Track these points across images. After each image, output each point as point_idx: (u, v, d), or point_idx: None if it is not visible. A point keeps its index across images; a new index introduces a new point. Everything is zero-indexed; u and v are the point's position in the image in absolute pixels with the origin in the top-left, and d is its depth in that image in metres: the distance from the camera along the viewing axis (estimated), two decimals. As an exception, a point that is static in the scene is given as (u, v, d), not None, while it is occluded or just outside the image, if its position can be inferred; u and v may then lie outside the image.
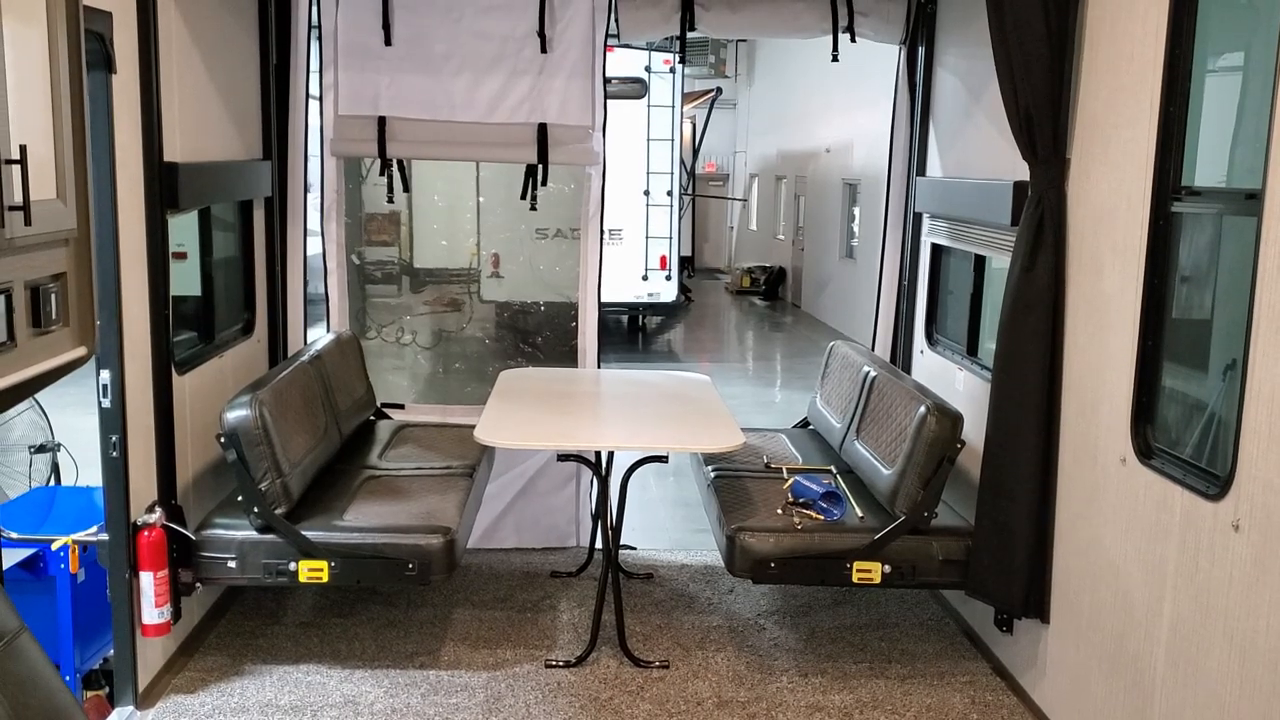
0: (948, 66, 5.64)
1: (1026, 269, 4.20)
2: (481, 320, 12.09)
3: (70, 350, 3.04)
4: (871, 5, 5.83)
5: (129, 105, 4.06)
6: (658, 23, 5.85)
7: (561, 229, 12.16)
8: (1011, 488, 4.28)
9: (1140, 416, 3.65)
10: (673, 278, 15.11)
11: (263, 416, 4.39)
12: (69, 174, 2.98)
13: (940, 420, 4.49)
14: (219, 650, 4.77)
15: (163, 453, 4.42)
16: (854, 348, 5.95)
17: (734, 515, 4.68)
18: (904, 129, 6.04)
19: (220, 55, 4.94)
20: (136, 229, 4.14)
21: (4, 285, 2.68)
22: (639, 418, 5.09)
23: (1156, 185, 3.56)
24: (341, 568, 4.41)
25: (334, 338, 5.72)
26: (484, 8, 5.76)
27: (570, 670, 4.67)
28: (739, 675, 4.67)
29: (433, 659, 4.75)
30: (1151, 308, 3.61)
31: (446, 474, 5.15)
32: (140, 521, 4.21)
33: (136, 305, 4.16)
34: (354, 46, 5.75)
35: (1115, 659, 3.74)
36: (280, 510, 4.43)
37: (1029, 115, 4.11)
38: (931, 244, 5.82)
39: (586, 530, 6.17)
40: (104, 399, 4.07)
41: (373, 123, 5.80)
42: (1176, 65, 3.48)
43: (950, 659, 4.89)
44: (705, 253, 27.79)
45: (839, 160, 18.26)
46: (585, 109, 5.88)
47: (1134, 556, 3.63)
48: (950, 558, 4.53)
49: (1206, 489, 3.22)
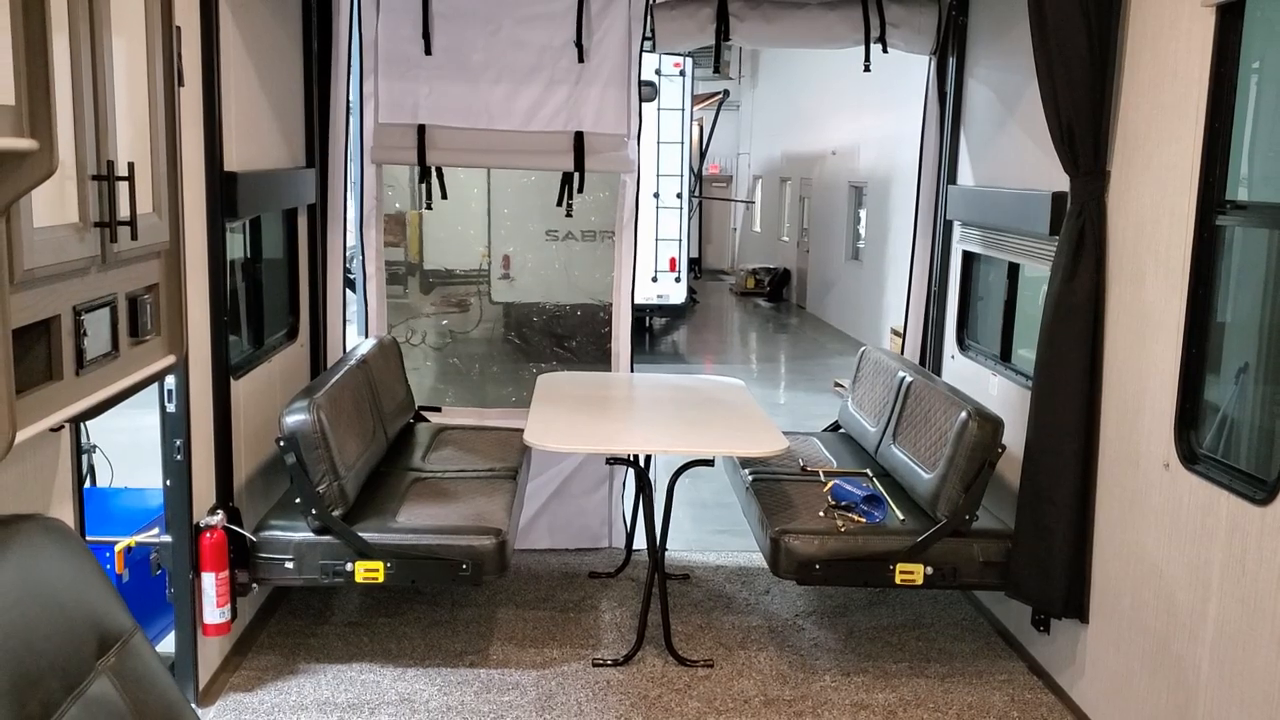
0: (979, 77, 5.75)
1: (1068, 278, 4.31)
2: (493, 321, 12.20)
3: (162, 358, 3.14)
4: (903, 16, 5.94)
5: (193, 117, 4.16)
6: (693, 33, 5.96)
7: (572, 231, 12.29)
8: (1052, 491, 4.39)
9: (1184, 423, 3.76)
10: (682, 279, 15.22)
11: (320, 420, 4.48)
12: (163, 188, 3.08)
13: (982, 425, 4.60)
14: (272, 650, 4.87)
15: (221, 456, 4.51)
16: (886, 353, 6.05)
17: (777, 518, 4.78)
18: (934, 138, 6.15)
19: (269, 66, 5.04)
20: (199, 238, 4.24)
21: (109, 297, 2.77)
22: (681, 421, 5.19)
23: (1201, 199, 3.67)
24: (397, 568, 4.51)
25: (376, 342, 5.82)
26: (522, 18, 5.86)
27: (618, 669, 4.77)
28: (782, 674, 4.78)
29: (482, 658, 4.85)
30: (1196, 317, 3.72)
31: (491, 476, 5.25)
32: (203, 523, 4.31)
33: (199, 312, 4.26)
34: (394, 56, 5.85)
35: (1158, 659, 3.86)
36: (337, 512, 4.52)
37: (1070, 128, 4.22)
38: (963, 251, 5.93)
39: (619, 531, 6.28)
40: (169, 404, 4.16)
41: (412, 131, 5.90)
42: (1222, 82, 3.59)
43: (987, 658, 5.00)
44: (709, 254, 27.91)
45: (845, 163, 18.38)
46: (621, 117, 5.98)
47: (1178, 559, 3.74)
48: (990, 560, 4.65)
49: (1254, 494, 3.33)
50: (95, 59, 2.58)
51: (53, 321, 2.49)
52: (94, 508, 5.28)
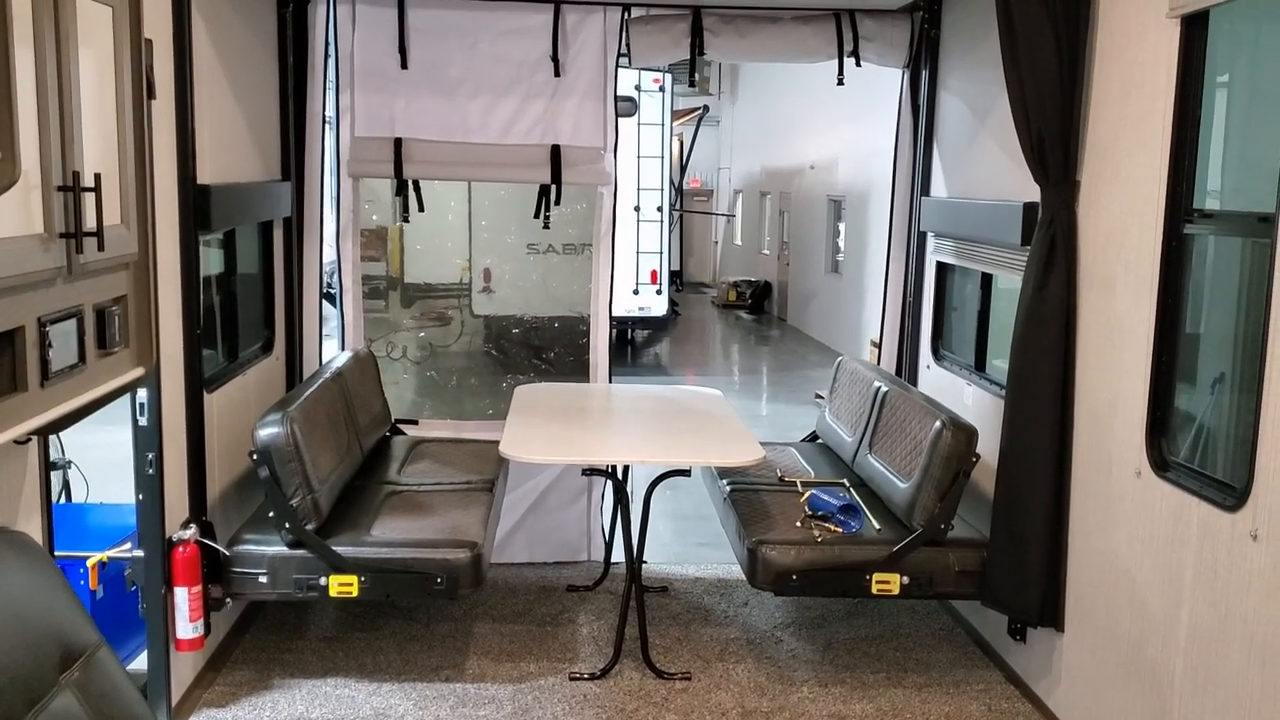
0: (951, 90, 5.79)
1: (1039, 288, 4.34)
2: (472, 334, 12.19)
3: (131, 370, 3.13)
4: (876, 30, 5.98)
5: (166, 129, 4.14)
6: (668, 47, 5.99)
7: (553, 244, 12.31)
8: (1026, 500, 4.41)
9: (1155, 430, 3.79)
10: (663, 292, 15.27)
11: (294, 434, 4.46)
12: (131, 199, 3.06)
13: (956, 434, 4.62)
14: (246, 665, 4.83)
15: (194, 470, 4.49)
16: (862, 363, 6.08)
17: (754, 528, 4.78)
18: (907, 150, 6.19)
19: (244, 78, 5.04)
20: (171, 250, 4.22)
21: (75, 309, 2.76)
22: (658, 431, 5.19)
23: (1169, 208, 3.70)
24: (371, 582, 4.48)
25: (352, 355, 5.80)
26: (499, 33, 5.87)
27: (595, 682, 4.76)
28: (760, 686, 4.77)
29: (458, 672, 4.83)
30: (1165, 325, 3.75)
31: (467, 489, 5.24)
32: (175, 538, 4.28)
33: (171, 325, 4.24)
34: (371, 69, 5.85)
35: (1132, 665, 3.87)
36: (311, 526, 4.50)
37: (1041, 139, 4.26)
38: (937, 262, 5.96)
39: (598, 544, 6.26)
40: (141, 417, 4.14)
41: (389, 144, 5.90)
42: (1187, 92, 3.63)
43: (964, 668, 5.01)
44: (691, 267, 27.98)
45: (823, 177, 18.48)
46: (597, 131, 6.00)
47: (1150, 566, 3.76)
48: (966, 569, 4.66)
49: (1223, 500, 3.35)
50: (61, 70, 2.57)
51: (17, 333, 2.48)
52: (68, 523, 5.24)
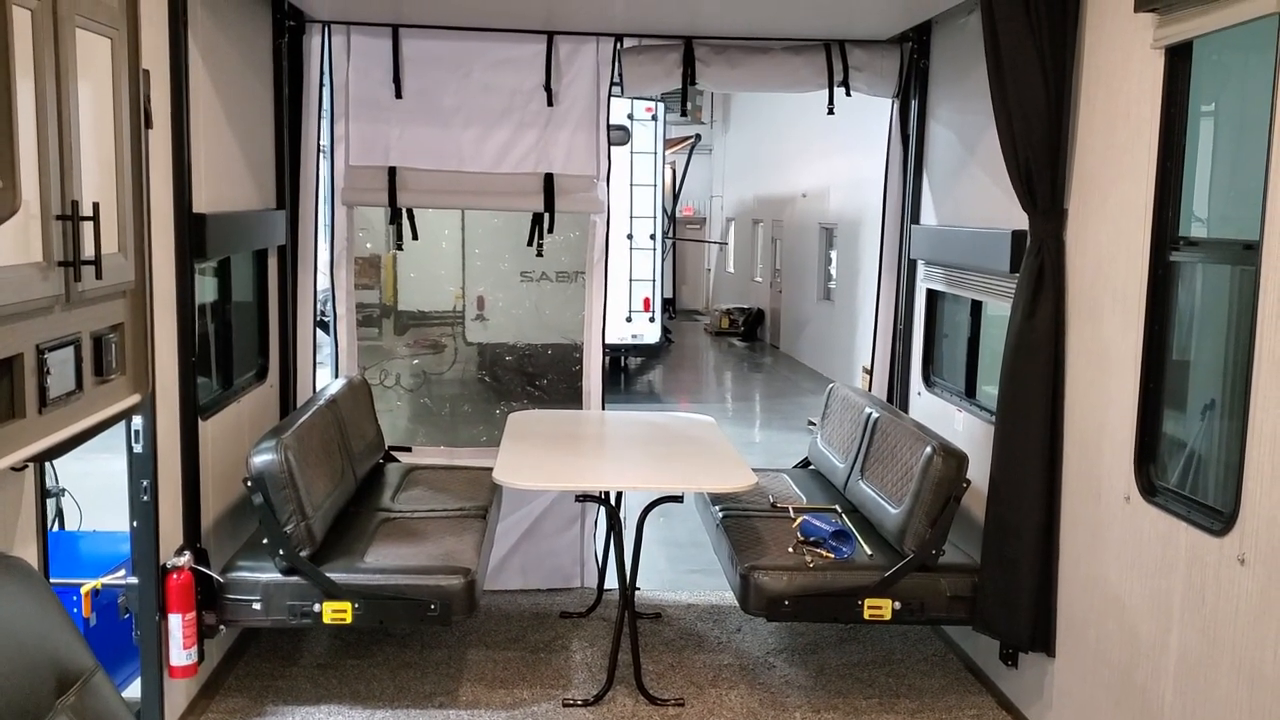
0: (940, 119, 5.86)
1: (1028, 315, 4.38)
2: (466, 361, 12.22)
3: (127, 397, 3.15)
4: (865, 60, 6.06)
5: (162, 159, 4.18)
6: (660, 77, 6.06)
7: (546, 272, 12.36)
8: (1017, 525, 4.44)
9: (1143, 456, 3.82)
10: (656, 319, 15.32)
11: (288, 461, 4.48)
12: (129, 228, 3.10)
13: (947, 460, 4.65)
14: (240, 692, 4.82)
15: (188, 497, 4.50)
16: (854, 390, 6.11)
17: (746, 554, 4.80)
18: (897, 178, 6.25)
19: (240, 108, 5.08)
20: (167, 278, 4.25)
21: (73, 336, 2.79)
22: (651, 458, 5.21)
23: (1155, 236, 3.76)
24: (365, 609, 4.49)
25: (346, 382, 5.82)
26: (492, 63, 5.94)
27: (588, 709, 4.75)
28: (754, 712, 4.77)
29: (451, 699, 4.82)
30: (1153, 352, 3.79)
31: (461, 515, 5.25)
32: (169, 564, 4.28)
33: (166, 352, 4.26)
34: (365, 99, 5.91)
35: (1123, 690, 3.89)
36: (305, 553, 4.51)
37: (1028, 168, 4.32)
38: (927, 289, 6.01)
39: (591, 571, 6.27)
40: (136, 444, 4.15)
41: (383, 173, 5.95)
42: (1172, 122, 3.69)
43: (956, 693, 5.02)
44: (684, 294, 28.06)
45: (815, 205, 18.58)
46: (590, 159, 6.06)
47: (1139, 591, 3.78)
48: (958, 594, 4.68)
49: (1211, 525, 3.38)
50: (61, 101, 2.61)
51: (15, 360, 2.50)
52: (62, 551, 5.24)
